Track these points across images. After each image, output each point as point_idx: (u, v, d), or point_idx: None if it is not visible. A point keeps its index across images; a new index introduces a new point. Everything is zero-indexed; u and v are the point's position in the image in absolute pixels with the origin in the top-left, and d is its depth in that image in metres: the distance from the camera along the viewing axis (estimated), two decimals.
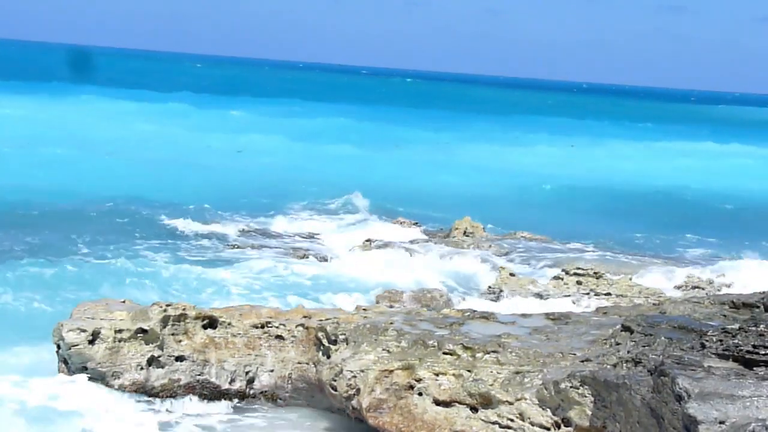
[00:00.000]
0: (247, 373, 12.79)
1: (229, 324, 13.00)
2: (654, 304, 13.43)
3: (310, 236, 23.72)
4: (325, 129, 54.92)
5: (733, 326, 8.63)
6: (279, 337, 12.93)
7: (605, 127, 74.58)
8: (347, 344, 11.71)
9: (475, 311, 12.83)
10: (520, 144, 54.44)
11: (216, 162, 37.95)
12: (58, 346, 12.44)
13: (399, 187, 32.95)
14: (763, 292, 11.65)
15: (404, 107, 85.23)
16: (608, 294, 18.65)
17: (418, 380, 10.63)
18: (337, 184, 32.77)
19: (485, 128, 64.46)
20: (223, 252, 21.06)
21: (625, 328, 10.24)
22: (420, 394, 10.58)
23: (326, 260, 20.96)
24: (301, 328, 12.86)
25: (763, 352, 7.91)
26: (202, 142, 44.64)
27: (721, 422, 7.04)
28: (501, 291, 18.68)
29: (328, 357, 11.93)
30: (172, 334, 12.74)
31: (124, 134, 45.46)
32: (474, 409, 10.28)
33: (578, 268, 19.86)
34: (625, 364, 9.24)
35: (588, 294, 18.73)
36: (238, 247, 21.62)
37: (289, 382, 12.72)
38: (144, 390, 12.27)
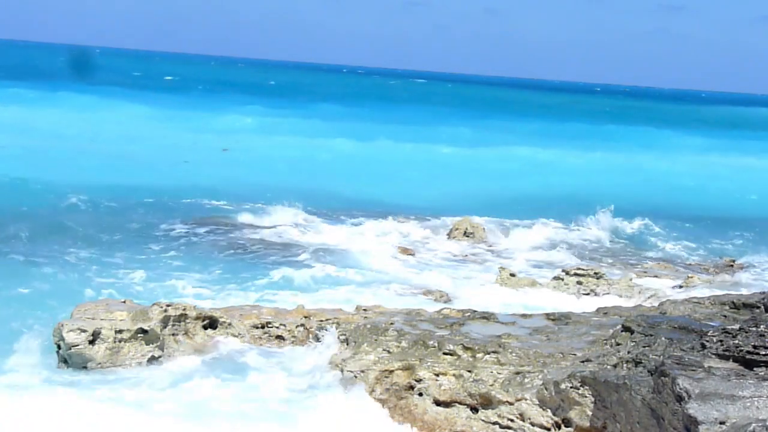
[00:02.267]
0: None
1: (230, 324, 13.02)
2: (654, 305, 13.44)
3: (310, 236, 23.69)
4: (325, 128, 54.90)
5: (733, 326, 8.63)
6: (279, 337, 12.95)
7: (605, 127, 74.54)
8: (347, 344, 11.72)
9: (475, 311, 12.85)
10: (520, 144, 54.39)
11: (215, 162, 37.94)
12: (59, 347, 12.44)
13: (399, 187, 32.95)
14: (764, 293, 11.67)
15: (403, 107, 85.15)
16: (608, 294, 18.66)
17: (419, 380, 10.65)
18: (337, 184, 32.78)
19: (484, 127, 64.44)
20: (224, 252, 21.05)
21: (626, 329, 10.25)
22: (420, 394, 10.59)
23: (327, 260, 20.95)
24: (301, 329, 12.88)
25: (764, 353, 7.91)
26: (199, 142, 44.60)
27: (722, 423, 7.05)
28: (501, 291, 18.67)
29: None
30: (173, 335, 12.76)
31: (124, 134, 45.44)
32: (474, 410, 10.29)
33: (578, 268, 19.89)
34: (625, 365, 9.25)
35: (588, 294, 18.74)
36: (239, 247, 21.62)
37: None
38: None
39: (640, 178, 42.52)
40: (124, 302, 13.69)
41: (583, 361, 10.05)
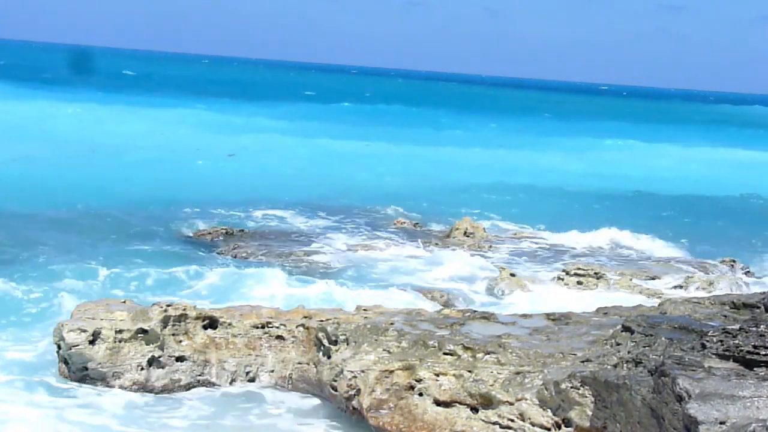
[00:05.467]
0: (247, 373, 12.81)
1: (230, 324, 13.02)
2: (654, 305, 13.44)
3: (310, 237, 23.70)
4: (325, 129, 54.92)
5: (733, 326, 8.63)
6: (279, 337, 12.95)
7: (606, 127, 74.55)
8: (348, 344, 11.72)
9: (475, 311, 12.85)
10: (520, 144, 54.44)
11: (213, 164, 37.93)
12: (59, 347, 12.44)
13: (399, 187, 32.95)
14: (764, 293, 11.67)
15: (402, 107, 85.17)
16: (609, 294, 18.64)
17: (419, 380, 10.64)
18: (338, 184, 32.78)
19: (484, 128, 64.47)
20: (224, 253, 21.05)
21: (626, 329, 10.24)
22: (420, 394, 10.59)
23: (325, 260, 20.94)
24: (301, 329, 12.89)
25: (764, 353, 7.91)
26: (200, 143, 44.59)
27: (722, 423, 7.05)
28: (501, 291, 18.68)
29: (329, 357, 11.95)
30: (173, 335, 12.76)
31: (124, 134, 45.46)
32: (474, 410, 10.29)
33: (579, 268, 19.90)
34: (625, 365, 9.25)
35: (588, 294, 18.72)
36: (240, 248, 21.62)
37: (290, 382, 12.74)
38: (144, 390, 12.29)
39: (642, 178, 42.50)
40: (124, 302, 13.69)
41: (583, 361, 10.04)
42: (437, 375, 10.60)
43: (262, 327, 13.02)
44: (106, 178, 31.32)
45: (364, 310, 13.39)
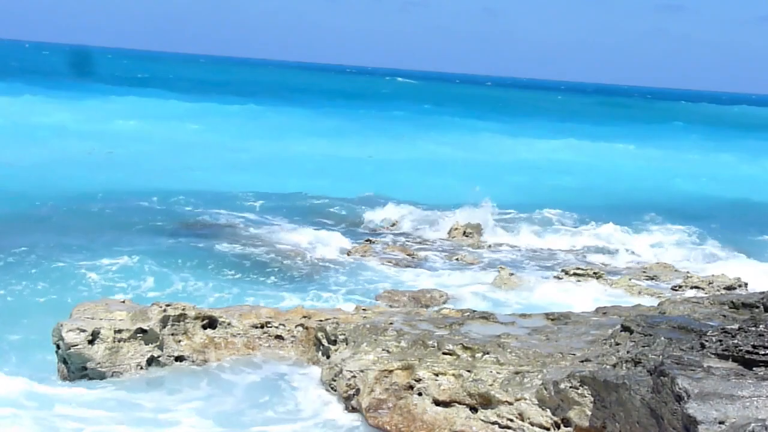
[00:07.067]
0: None
1: (229, 324, 13.02)
2: (654, 305, 13.44)
3: (309, 236, 23.69)
4: (324, 129, 54.91)
5: (732, 326, 8.63)
6: (279, 337, 12.95)
7: (605, 127, 74.58)
8: (347, 344, 11.72)
9: (474, 311, 12.86)
10: (520, 144, 54.45)
11: (212, 162, 37.93)
12: (58, 346, 12.43)
13: (399, 187, 32.94)
14: (763, 293, 11.67)
15: (402, 106, 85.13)
16: (608, 294, 18.66)
17: (418, 380, 10.64)
18: (335, 184, 32.76)
19: (484, 128, 64.44)
20: (223, 253, 21.04)
21: (625, 328, 10.24)
22: (420, 394, 10.59)
23: (325, 261, 20.94)
24: (300, 328, 12.89)
25: (763, 352, 7.90)
26: (200, 143, 44.61)
27: (721, 422, 7.04)
28: (500, 291, 18.67)
29: (328, 357, 11.95)
30: (172, 334, 12.76)
31: (123, 134, 45.45)
32: (474, 410, 10.29)
33: (578, 268, 19.93)
34: (624, 364, 9.24)
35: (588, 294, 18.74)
36: (238, 248, 21.60)
37: None
38: None
39: (642, 178, 42.53)
40: (124, 302, 13.68)
41: (582, 361, 10.04)
42: (436, 375, 10.60)
43: (262, 327, 13.02)
44: (103, 176, 31.30)
45: (363, 309, 13.40)
